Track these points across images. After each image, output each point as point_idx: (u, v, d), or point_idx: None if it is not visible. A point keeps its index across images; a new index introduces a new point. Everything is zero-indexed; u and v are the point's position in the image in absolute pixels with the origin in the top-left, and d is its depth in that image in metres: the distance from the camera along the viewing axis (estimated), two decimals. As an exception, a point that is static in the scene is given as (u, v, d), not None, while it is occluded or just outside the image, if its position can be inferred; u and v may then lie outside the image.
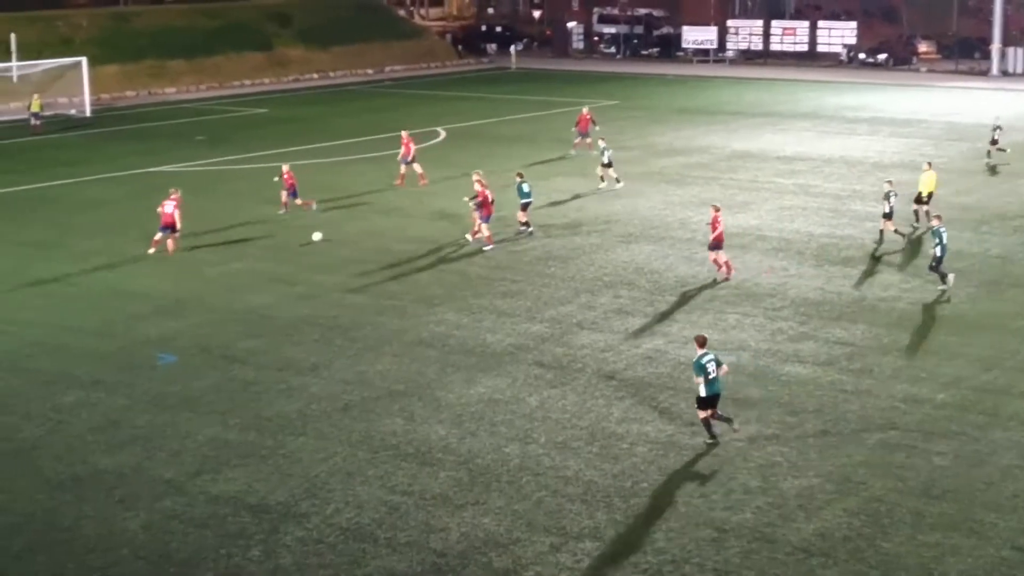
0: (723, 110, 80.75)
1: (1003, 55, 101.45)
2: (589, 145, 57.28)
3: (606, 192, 52.14)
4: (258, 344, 33.03)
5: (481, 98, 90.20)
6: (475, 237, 43.15)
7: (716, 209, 39.37)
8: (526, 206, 44.82)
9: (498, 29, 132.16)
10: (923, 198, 45.23)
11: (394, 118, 69.88)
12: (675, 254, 41.63)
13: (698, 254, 40.91)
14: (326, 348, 32.60)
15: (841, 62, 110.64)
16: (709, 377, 26.05)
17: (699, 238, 43.11)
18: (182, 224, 43.02)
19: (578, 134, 61.79)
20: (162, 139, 70.34)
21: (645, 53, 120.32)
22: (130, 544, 22.05)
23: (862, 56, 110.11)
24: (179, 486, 24.34)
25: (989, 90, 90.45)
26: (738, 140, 67.17)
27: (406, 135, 54.85)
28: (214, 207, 48.99)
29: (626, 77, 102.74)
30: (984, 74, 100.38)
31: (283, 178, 48.24)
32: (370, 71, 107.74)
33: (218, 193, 52.51)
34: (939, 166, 57.02)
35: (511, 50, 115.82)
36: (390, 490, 24.06)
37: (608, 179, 53.19)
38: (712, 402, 26.24)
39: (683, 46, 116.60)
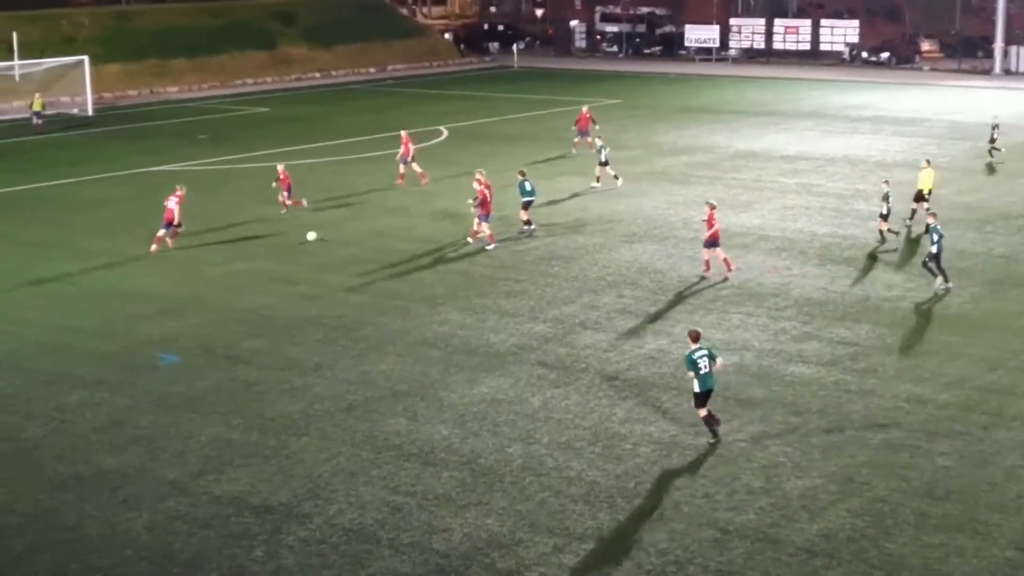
0: (726, 109, 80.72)
1: (1006, 54, 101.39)
2: (589, 144, 57.26)
3: (607, 191, 52.07)
4: (261, 344, 33.03)
5: (483, 97, 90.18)
6: (475, 238, 43.12)
7: (712, 207, 39.35)
8: (527, 205, 44.74)
9: (500, 28, 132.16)
10: (924, 196, 45.22)
11: (396, 117, 69.89)
12: (678, 254, 41.61)
13: (700, 254, 40.84)
14: (329, 348, 32.59)
15: (844, 61, 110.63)
16: (701, 372, 26.07)
17: (703, 237, 43.05)
18: (182, 222, 43.09)
19: (578, 133, 61.76)
20: (164, 138, 70.34)
21: (648, 52, 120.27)
22: (133, 544, 22.05)
23: (865, 55, 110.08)
24: (182, 486, 24.34)
25: (992, 89, 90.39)
26: (741, 139, 67.15)
27: (405, 134, 54.84)
28: (216, 206, 48.99)
29: (629, 76, 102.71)
30: (987, 73, 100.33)
31: (280, 179, 48.16)
32: (372, 70, 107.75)
33: (220, 192, 52.52)
34: (942, 165, 57.21)
35: (513, 49, 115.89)
36: (393, 490, 24.05)
37: (605, 178, 53.12)
38: (705, 398, 26.25)
39: (686, 45, 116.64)
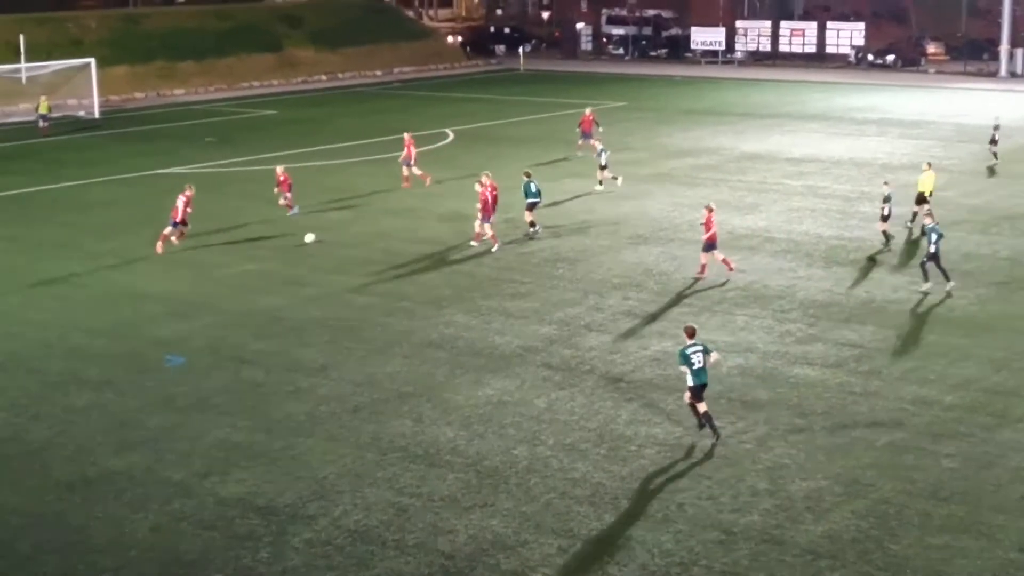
0: (731, 111, 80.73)
1: (1012, 56, 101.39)
2: (592, 146, 57.28)
3: (610, 193, 52.08)
4: (267, 345, 33.07)
5: (489, 99, 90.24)
6: (479, 240, 43.14)
7: (710, 210, 39.38)
8: (532, 206, 44.73)
9: (507, 30, 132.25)
10: (925, 198, 45.25)
11: (402, 119, 70.01)
12: (684, 256, 41.60)
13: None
14: (335, 349, 32.63)
15: (850, 63, 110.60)
16: (694, 367, 26.20)
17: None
18: (188, 222, 43.27)
19: (581, 135, 61.73)
20: (171, 141, 70.43)
21: (653, 54, 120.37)
22: (139, 546, 22.10)
23: (871, 57, 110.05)
24: (188, 488, 24.38)
25: (998, 91, 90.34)
26: (747, 141, 67.15)
27: (408, 136, 54.92)
28: (223, 208, 49.03)
29: (634, 78, 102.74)
30: (993, 75, 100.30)
31: (280, 182, 48.11)
32: (379, 72, 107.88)
33: (227, 194, 52.57)
34: (948, 167, 57.25)
35: (519, 51, 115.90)
36: (398, 492, 24.09)
37: (606, 180, 53.23)
38: (699, 392, 26.41)
39: (692, 47, 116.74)
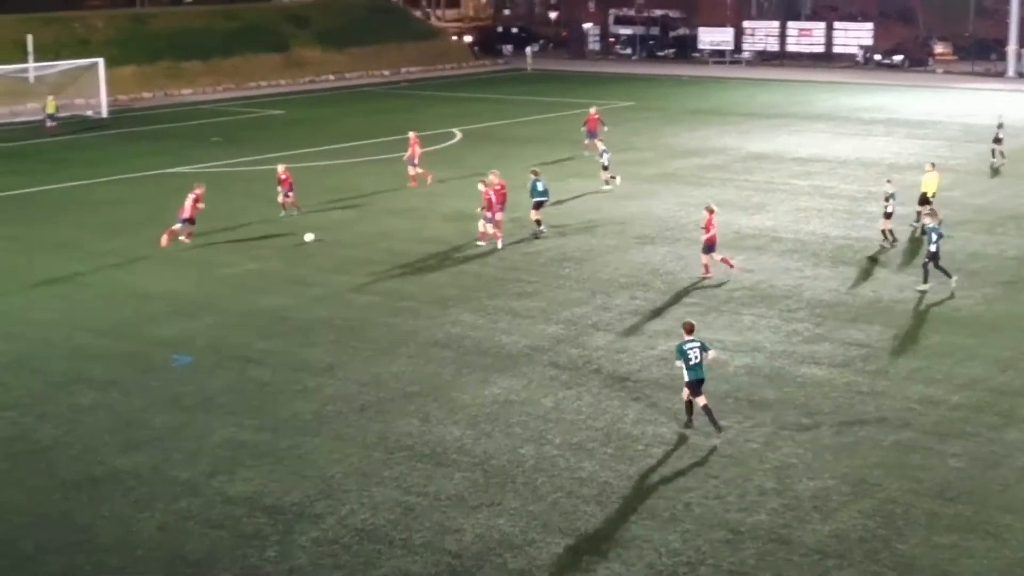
0: (739, 111, 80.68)
1: (1019, 56, 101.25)
2: (595, 146, 57.25)
3: (615, 193, 52.09)
4: (273, 345, 33.08)
5: (497, 99, 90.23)
6: (485, 240, 43.16)
7: (711, 211, 39.36)
8: (539, 205, 44.75)
9: (514, 30, 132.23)
10: (927, 199, 45.25)
11: (409, 119, 69.97)
12: (691, 255, 41.52)
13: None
14: (341, 349, 32.62)
15: (857, 63, 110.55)
16: (690, 363, 26.34)
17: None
18: (195, 220, 43.38)
19: (587, 134, 61.68)
20: (178, 140, 70.48)
21: (661, 54, 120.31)
22: (146, 545, 22.09)
23: (878, 57, 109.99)
24: (195, 487, 24.38)
25: (1005, 91, 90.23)
26: (754, 141, 67.11)
27: (413, 135, 54.94)
28: (229, 208, 49.03)
29: (642, 78, 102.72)
30: (1000, 75, 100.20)
31: (281, 181, 48.10)
32: (386, 72, 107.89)
33: (233, 194, 52.56)
34: (954, 167, 57.26)
35: (527, 51, 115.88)
36: (405, 491, 24.08)
37: (609, 181, 53.32)
38: (696, 387, 26.57)
39: (699, 47, 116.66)
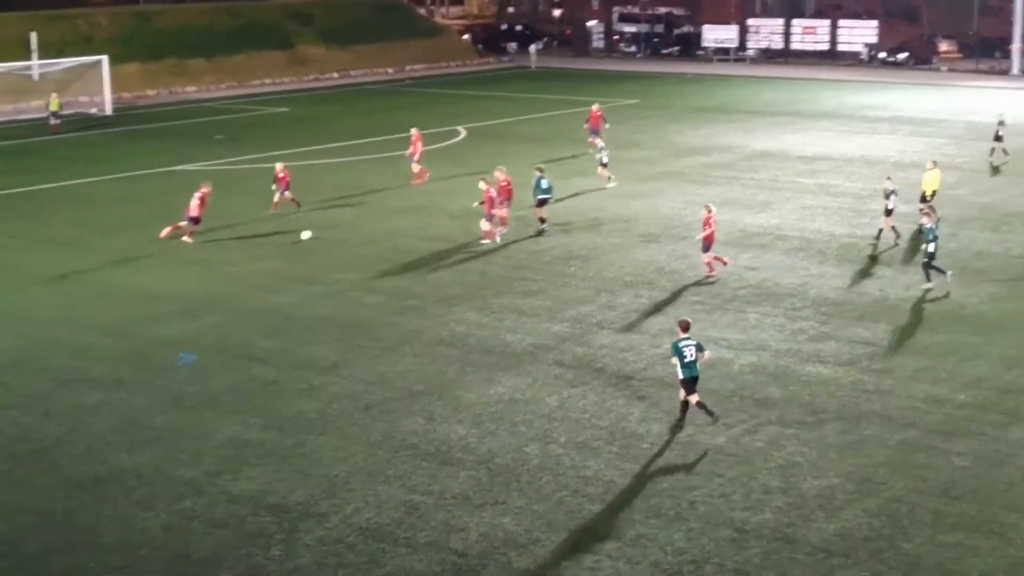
0: (743, 109, 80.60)
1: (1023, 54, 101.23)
2: (594, 144, 57.13)
3: (622, 191, 52.07)
4: (278, 343, 33.07)
5: (501, 97, 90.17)
6: (488, 238, 43.18)
7: (709, 209, 39.32)
8: (543, 202, 44.75)
9: (518, 28, 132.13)
10: (927, 197, 45.29)
11: (413, 117, 69.80)
12: (696, 254, 41.43)
13: (718, 253, 40.80)
14: (346, 347, 32.61)
15: (862, 61, 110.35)
16: (685, 360, 26.47)
17: (719, 238, 42.96)
18: (201, 220, 43.46)
19: (590, 131, 61.59)
20: (182, 138, 70.46)
21: (665, 52, 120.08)
22: (149, 544, 22.09)
23: (883, 55, 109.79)
24: (199, 486, 24.38)
25: (1010, 89, 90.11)
26: (759, 139, 67.04)
27: (416, 132, 54.95)
28: (233, 206, 48.96)
29: (646, 76, 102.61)
30: (1005, 73, 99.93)
31: (279, 179, 48.00)
32: (390, 70, 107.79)
33: (236, 192, 52.48)
34: (959, 165, 57.25)
35: (531, 49, 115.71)
36: (410, 490, 24.07)
37: (603, 179, 53.31)
38: (691, 384, 26.71)
39: (703, 45, 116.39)
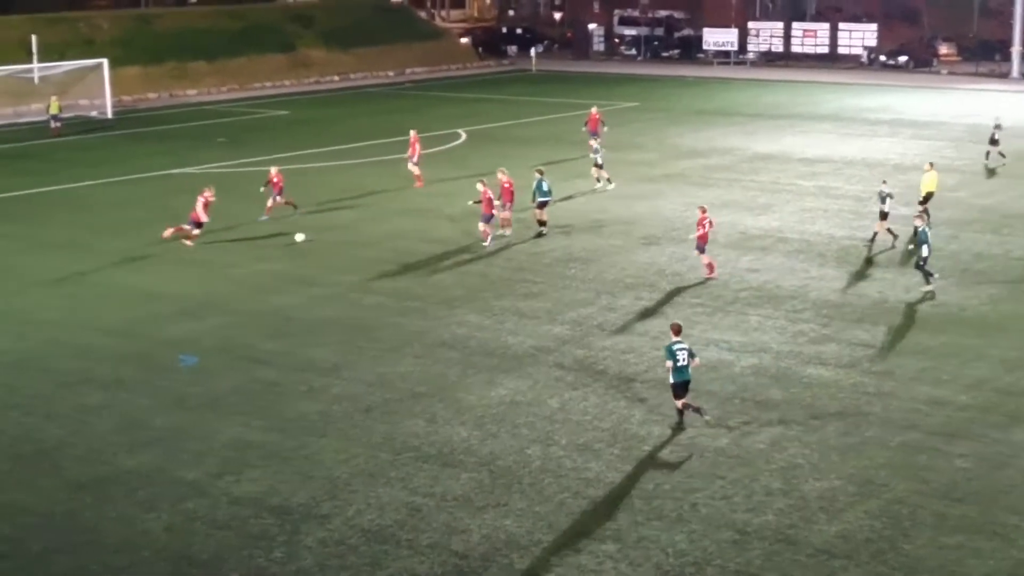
0: (744, 112, 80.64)
1: (1023, 57, 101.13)
2: (589, 146, 57.06)
3: (623, 193, 52.08)
4: (280, 345, 33.09)
5: (501, 100, 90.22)
6: (485, 237, 43.26)
7: (703, 210, 39.34)
8: (543, 204, 44.81)
9: (519, 31, 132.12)
10: (925, 198, 45.42)
11: (414, 120, 69.81)
12: (696, 256, 41.50)
13: (719, 256, 40.89)
14: (348, 349, 32.63)
15: (862, 64, 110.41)
16: (678, 364, 26.59)
17: (720, 240, 43.11)
18: (205, 223, 43.56)
19: (589, 134, 61.54)
20: (183, 141, 70.48)
21: (666, 55, 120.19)
22: (152, 545, 22.11)
23: (883, 58, 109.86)
24: (201, 487, 24.40)
25: (1009, 92, 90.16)
26: (759, 142, 67.07)
27: (414, 134, 55.00)
28: (235, 208, 48.96)
29: (646, 79, 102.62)
30: (1004, 76, 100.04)
31: (272, 182, 48.03)
32: (391, 73, 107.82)
33: (239, 194, 52.48)
34: (960, 168, 57.31)
35: (531, 52, 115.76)
36: (411, 492, 24.08)
37: (600, 179, 53.34)
38: (682, 389, 26.88)
39: (704, 48, 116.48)
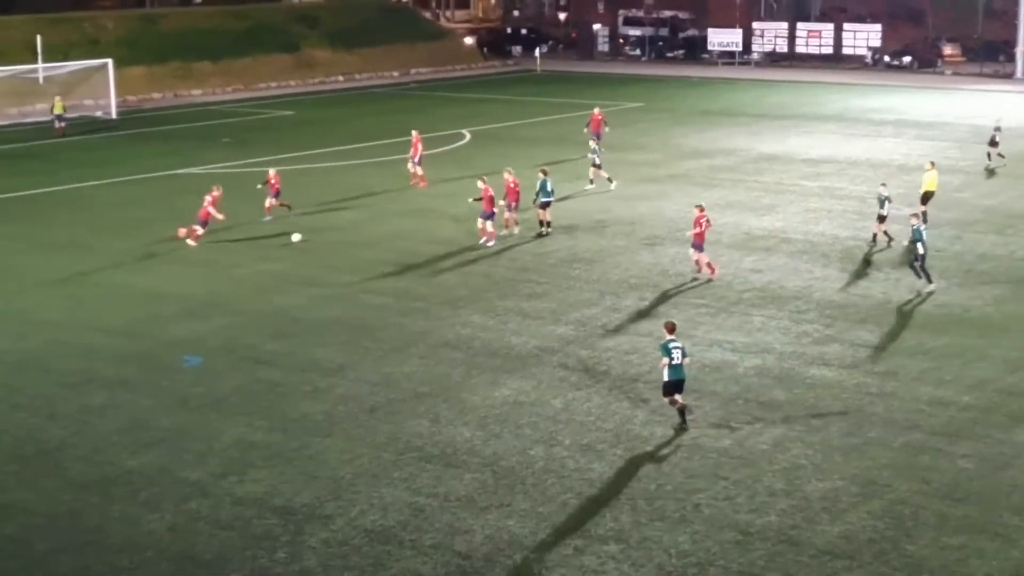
0: (748, 112, 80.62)
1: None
2: (588, 146, 57.06)
3: (627, 194, 52.07)
4: (284, 345, 33.10)
5: (506, 100, 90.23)
6: (493, 239, 43.28)
7: (701, 209, 39.33)
8: (546, 205, 44.84)
9: (523, 31, 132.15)
10: (927, 197, 45.41)
11: (419, 120, 69.88)
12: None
13: (722, 256, 40.90)
14: (352, 350, 32.65)
15: (866, 64, 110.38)
16: (673, 362, 26.61)
17: (724, 240, 43.12)
18: (211, 223, 43.68)
19: (592, 134, 61.52)
20: (188, 141, 70.51)
21: (670, 55, 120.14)
22: (155, 546, 22.13)
23: (887, 59, 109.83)
24: (205, 487, 24.42)
25: (1014, 93, 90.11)
26: (763, 142, 67.06)
27: (416, 135, 55.03)
28: (240, 209, 48.92)
29: (651, 79, 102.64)
30: (1009, 77, 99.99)
31: (269, 183, 48.11)
32: (396, 73, 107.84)
33: (244, 195, 52.48)
34: (964, 168, 57.33)
35: (536, 52, 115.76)
36: (415, 492, 24.10)
37: (599, 180, 53.32)
38: (675, 387, 26.92)
39: (708, 48, 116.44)
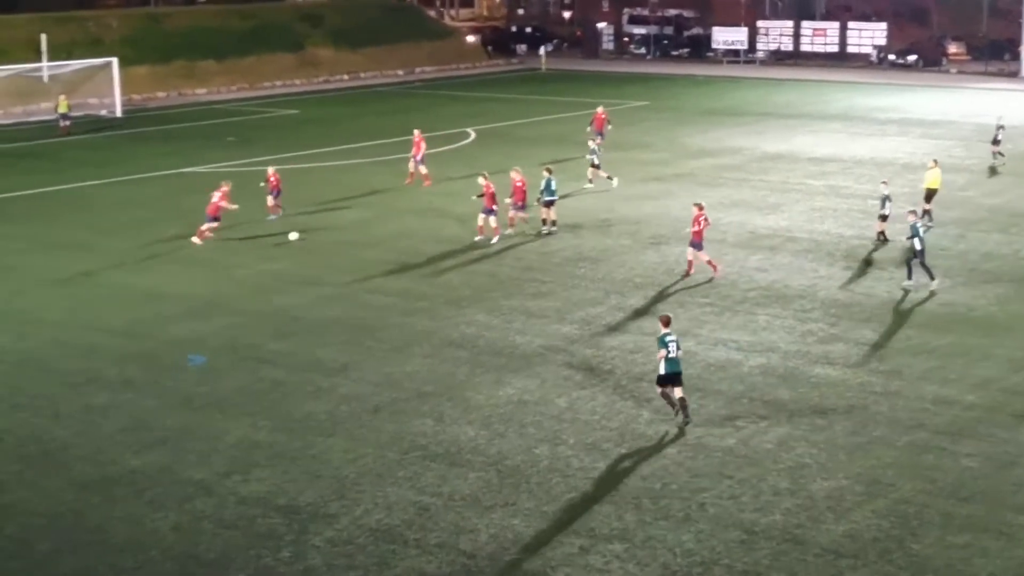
0: (753, 111, 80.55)
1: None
2: (588, 145, 56.94)
3: (632, 193, 52.04)
4: (287, 345, 33.09)
5: (511, 99, 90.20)
6: (496, 235, 43.33)
7: (700, 207, 39.27)
8: (550, 203, 44.84)
9: (528, 30, 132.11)
10: (931, 195, 45.44)
11: (423, 119, 69.90)
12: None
13: (727, 255, 40.86)
14: (355, 349, 32.63)
15: (871, 63, 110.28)
16: (670, 355, 26.65)
17: (730, 240, 43.09)
18: (223, 214, 43.85)
19: (594, 133, 61.42)
20: (192, 140, 70.52)
21: (675, 54, 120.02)
22: (159, 545, 22.12)
23: (892, 57, 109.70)
24: (208, 487, 24.41)
25: (1019, 91, 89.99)
26: (768, 141, 66.99)
27: (418, 133, 55.03)
28: (244, 208, 48.92)
29: (656, 78, 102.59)
30: (1014, 75, 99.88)
31: (268, 182, 48.15)
32: (400, 72, 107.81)
33: (248, 194, 52.48)
34: (969, 167, 57.25)
35: (541, 51, 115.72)
36: (419, 491, 24.08)
37: (597, 179, 53.27)
38: (671, 379, 26.90)
39: (713, 47, 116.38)
